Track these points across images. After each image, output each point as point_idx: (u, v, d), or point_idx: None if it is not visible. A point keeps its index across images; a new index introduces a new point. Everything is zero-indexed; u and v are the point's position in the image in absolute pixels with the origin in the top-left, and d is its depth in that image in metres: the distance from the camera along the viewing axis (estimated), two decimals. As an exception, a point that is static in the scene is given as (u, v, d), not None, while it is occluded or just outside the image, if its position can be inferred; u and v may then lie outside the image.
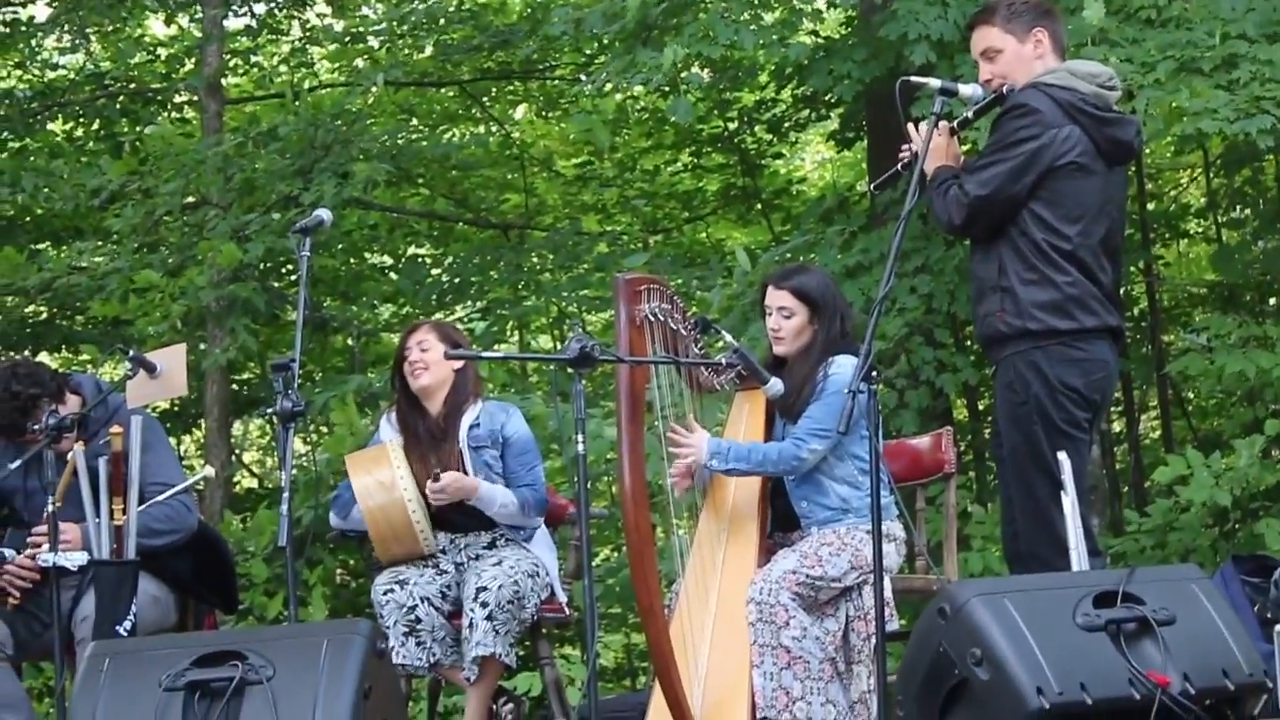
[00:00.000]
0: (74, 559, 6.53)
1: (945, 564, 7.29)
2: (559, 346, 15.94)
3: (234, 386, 15.08)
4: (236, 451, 16.85)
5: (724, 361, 6.70)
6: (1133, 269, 12.97)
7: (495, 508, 7.20)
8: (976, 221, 6.46)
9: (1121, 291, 7.26)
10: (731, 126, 15.31)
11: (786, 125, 14.93)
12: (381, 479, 7.14)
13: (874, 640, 6.26)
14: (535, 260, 15.00)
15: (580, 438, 6.00)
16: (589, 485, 6.10)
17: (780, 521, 6.94)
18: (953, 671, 5.04)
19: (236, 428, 17.04)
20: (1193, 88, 9.35)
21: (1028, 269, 6.42)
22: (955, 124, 6.69)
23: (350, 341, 15.69)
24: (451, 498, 7.13)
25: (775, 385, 6.68)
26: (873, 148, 12.94)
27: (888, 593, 6.33)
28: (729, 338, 6.86)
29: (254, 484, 18.02)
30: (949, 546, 7.35)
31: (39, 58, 16.44)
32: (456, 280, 15.11)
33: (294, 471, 6.28)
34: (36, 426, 6.91)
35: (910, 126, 6.73)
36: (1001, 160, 6.40)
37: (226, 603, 7.40)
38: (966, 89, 6.50)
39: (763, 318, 7.11)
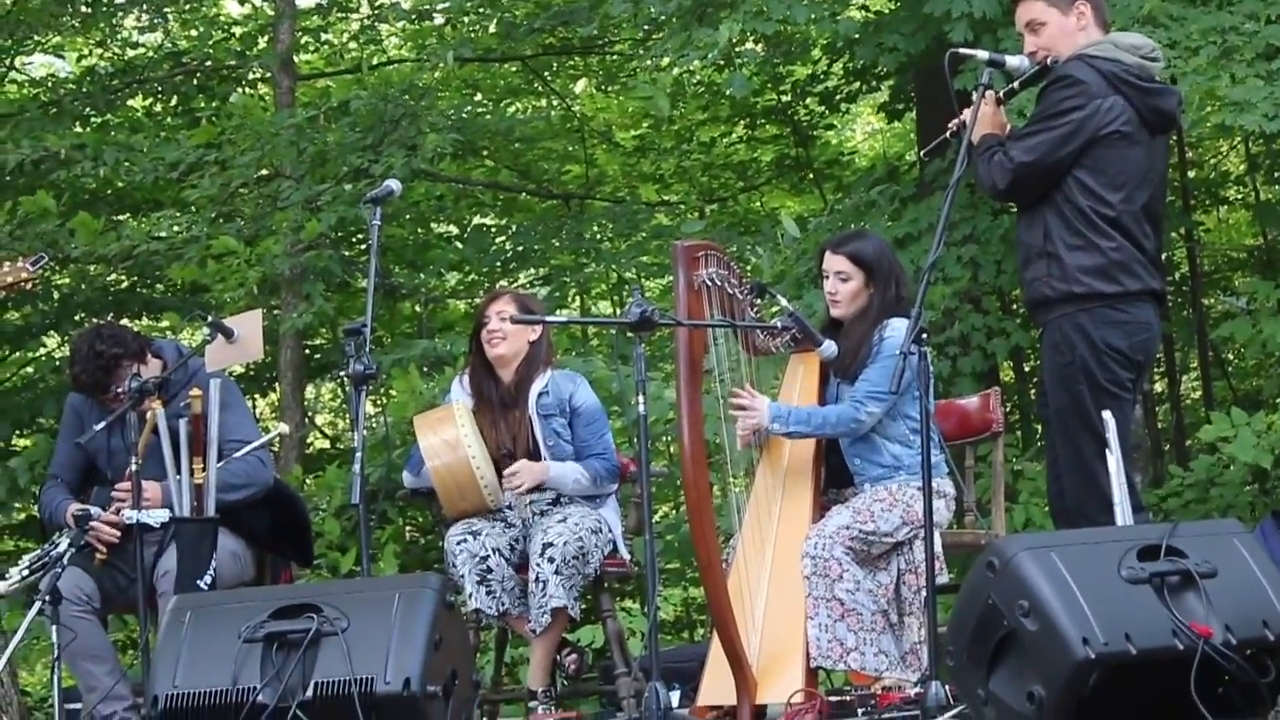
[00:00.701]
0: (156, 516, 6.56)
1: (993, 519, 7.27)
2: (619, 312, 16.00)
3: (307, 352, 15.13)
4: (309, 414, 16.91)
5: (779, 325, 6.69)
6: (1174, 235, 12.90)
7: (569, 485, 7.21)
8: (1020, 187, 6.44)
9: (1163, 256, 7.22)
10: (785, 99, 15.30)
11: (838, 97, 14.89)
12: (447, 438, 7.15)
13: (925, 593, 6.26)
14: (595, 229, 15.00)
15: (641, 399, 6.00)
16: (649, 445, 6.09)
17: (834, 478, 6.93)
18: (1001, 623, 5.03)
19: (309, 391, 17.10)
20: (1233, 75, 9.30)
21: (1073, 235, 6.40)
22: (1001, 95, 6.66)
23: (418, 308, 15.71)
24: (526, 485, 7.15)
25: (829, 347, 6.67)
26: (921, 118, 12.91)
27: (938, 547, 6.34)
28: (784, 302, 6.83)
29: (326, 445, 18.09)
30: (997, 502, 7.33)
31: (119, 37, 16.48)
32: (520, 248, 15.13)
33: (365, 432, 6.28)
34: (120, 389, 6.95)
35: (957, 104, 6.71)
36: (1047, 129, 6.38)
37: (302, 558, 7.43)
38: (1013, 60, 6.49)
39: (820, 282, 7.10)
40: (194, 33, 15.93)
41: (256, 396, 16.26)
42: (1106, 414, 6.15)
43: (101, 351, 6.99)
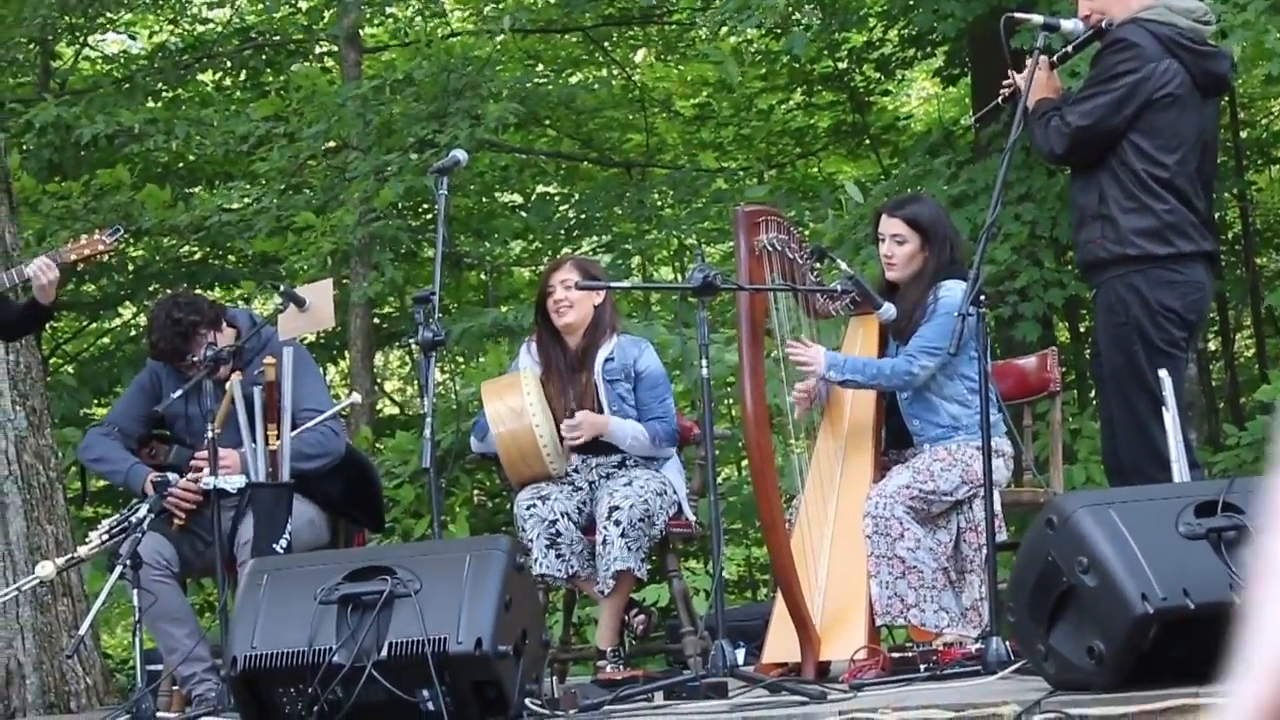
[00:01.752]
0: (233, 482, 6.60)
1: (1051, 477, 7.25)
2: (679, 277, 16.01)
3: (376, 320, 15.18)
4: (378, 381, 16.97)
5: (839, 288, 6.68)
6: (1227, 195, 12.84)
7: (627, 441, 7.21)
8: (1078, 151, 6.42)
9: (1215, 217, 7.19)
10: (841, 66, 15.25)
11: (893, 64, 14.85)
12: (513, 405, 7.16)
13: (985, 550, 6.26)
14: (656, 196, 15.00)
15: (704, 362, 6.01)
16: (712, 407, 6.10)
17: (894, 439, 6.92)
18: (1061, 579, 5.01)
19: (378, 358, 17.15)
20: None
21: (1127, 197, 6.37)
22: (1055, 58, 6.63)
23: (484, 276, 15.74)
24: (587, 436, 7.15)
25: (888, 310, 6.66)
26: (977, 83, 12.87)
27: (997, 505, 6.32)
28: (843, 265, 6.82)
29: (395, 411, 18.15)
30: (1055, 461, 7.30)
31: (189, 13, 16.54)
32: (583, 216, 15.14)
33: (435, 398, 6.30)
34: (196, 357, 6.99)
35: (1011, 66, 6.68)
36: (1103, 92, 6.35)
37: (375, 522, 7.46)
38: (1068, 24, 6.47)
39: (876, 245, 7.09)
40: (261, 7, 15.97)
41: (327, 365, 16.33)
42: (1162, 372, 6.13)
43: (179, 319, 7.03)
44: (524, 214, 15.87)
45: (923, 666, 6.15)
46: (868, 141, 15.94)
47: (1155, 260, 6.38)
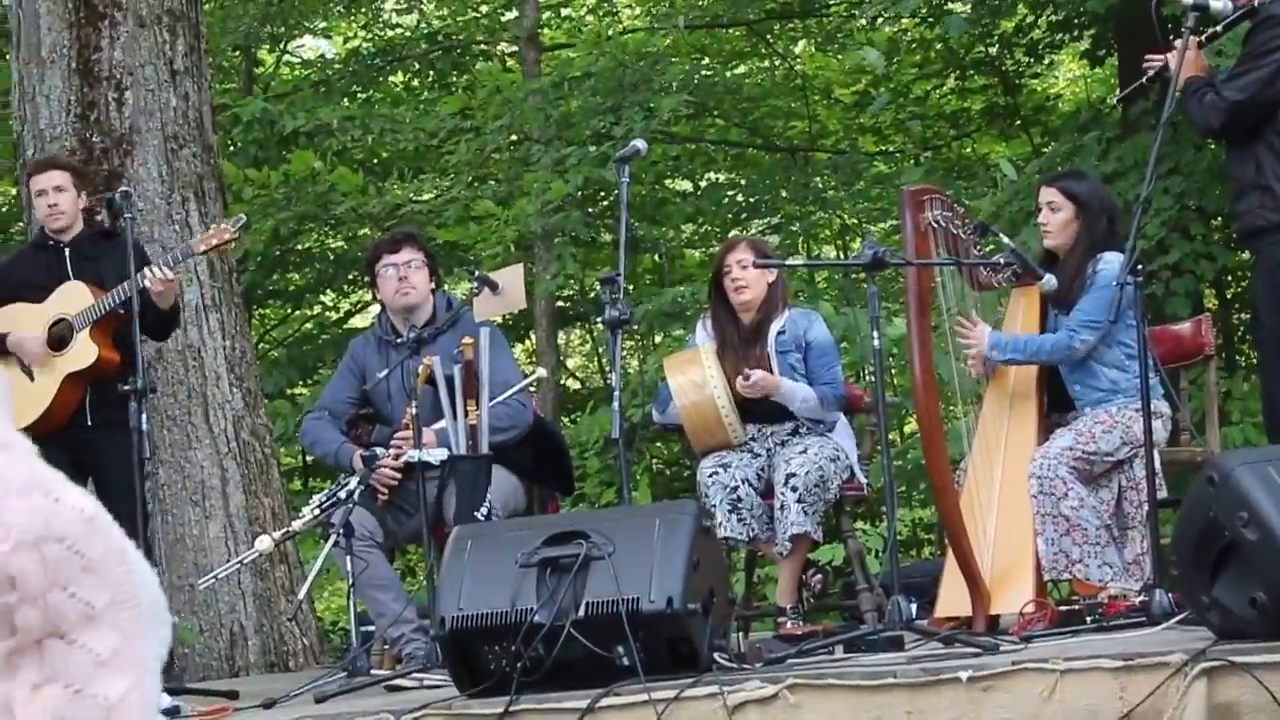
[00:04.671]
0: (436, 454, 6.65)
1: (1208, 437, 7.15)
2: (841, 256, 15.94)
3: (559, 302, 15.25)
4: (562, 358, 17.04)
5: (1001, 261, 6.62)
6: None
7: (796, 403, 7.19)
8: (1233, 125, 6.33)
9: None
10: (992, 51, 15.11)
11: (1042, 47, 14.69)
12: (694, 378, 7.16)
13: (1146, 507, 6.19)
14: (819, 180, 14.94)
15: (876, 334, 5.99)
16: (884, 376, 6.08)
17: (1056, 404, 6.85)
18: (1223, 534, 4.94)
19: (560, 337, 17.23)
20: None
21: (1284, 167, 6.30)
22: (1203, 38, 6.53)
23: (657, 259, 15.76)
24: (758, 393, 7.14)
25: (1049, 281, 6.58)
26: (1123, 64, 12.70)
27: (1157, 464, 6.25)
28: (1005, 239, 6.76)
29: (576, 386, 18.23)
30: (1211, 421, 7.20)
31: (380, 19, 16.70)
32: (751, 200, 15.11)
33: (621, 373, 6.32)
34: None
35: (1157, 48, 6.59)
36: (1256, 68, 6.26)
37: (566, 487, 7.48)
38: (1217, 3, 6.36)
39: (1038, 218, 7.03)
40: (446, 12, 16.08)
41: (514, 343, 16.43)
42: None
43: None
44: (695, 200, 15.86)
45: (1089, 619, 6.09)
46: (1018, 122, 15.77)
47: (1313, 225, 6.30)
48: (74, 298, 7.35)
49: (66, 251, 7.48)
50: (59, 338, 7.34)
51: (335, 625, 12.82)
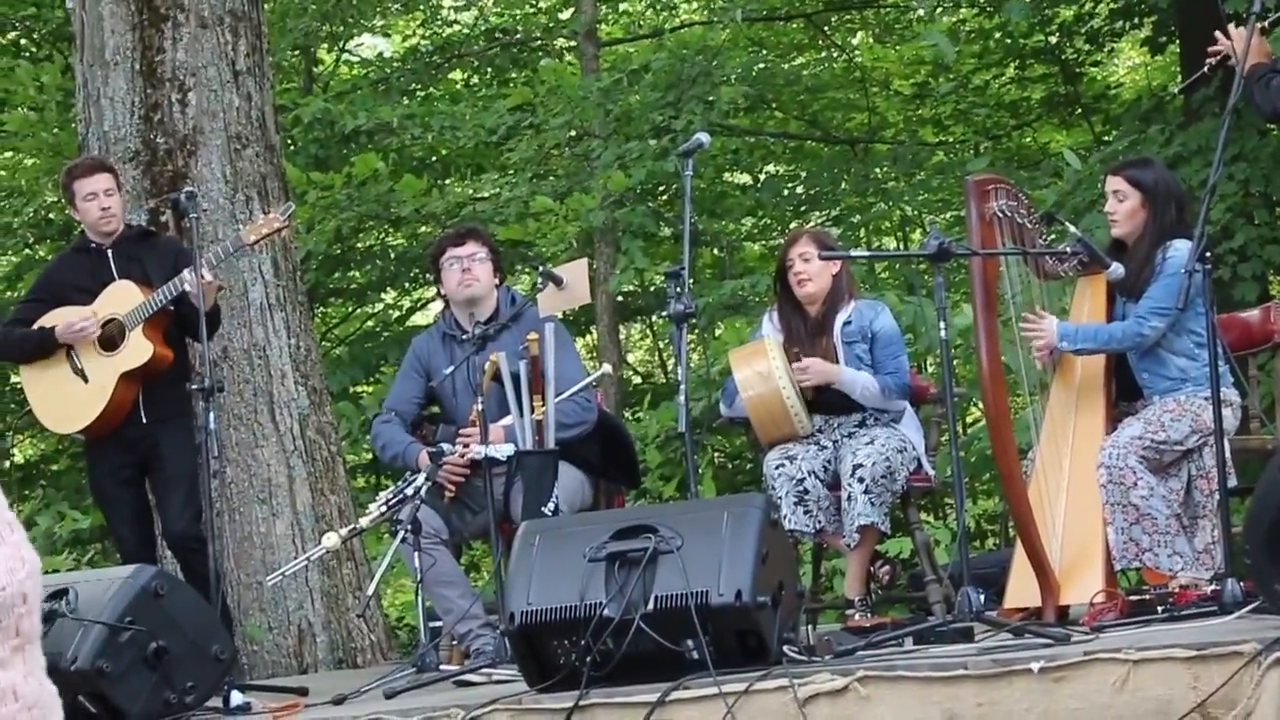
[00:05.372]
0: (502, 450, 6.66)
1: (1278, 425, 7.10)
2: (901, 247, 15.89)
3: (619, 297, 15.24)
4: (623, 353, 17.04)
5: (1068, 250, 6.59)
6: None
7: (858, 390, 7.17)
8: (1300, 110, 6.29)
9: None
10: (1052, 40, 15.05)
11: (1103, 35, 14.62)
12: (760, 370, 7.15)
13: (1216, 496, 6.15)
14: (879, 171, 14.90)
15: (942, 324, 5.97)
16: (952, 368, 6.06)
17: (1124, 392, 6.81)
18: (1295, 521, 4.91)
19: (621, 331, 17.23)
20: None
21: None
22: (1268, 23, 6.49)
23: (717, 252, 15.74)
24: (815, 380, 7.12)
25: (1116, 269, 6.55)
26: (1185, 51, 12.63)
27: (1227, 452, 6.20)
28: (1072, 228, 6.73)
29: (637, 381, 18.23)
30: (1280, 409, 7.16)
31: (439, 17, 16.73)
32: (811, 192, 15.08)
33: (687, 366, 6.32)
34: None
35: (1219, 33, 6.54)
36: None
37: (631, 481, 7.48)
38: (1281, -11, 6.32)
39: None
40: (504, 8, 16.09)
41: (576, 338, 16.43)
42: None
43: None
44: (753, 192, 15.84)
45: (1160, 608, 6.06)
46: (1079, 111, 15.70)
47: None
48: (124, 297, 7.39)
49: (109, 254, 7.53)
50: (110, 338, 7.38)
51: (401, 621, 12.84)
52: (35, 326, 7.51)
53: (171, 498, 7.36)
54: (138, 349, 7.32)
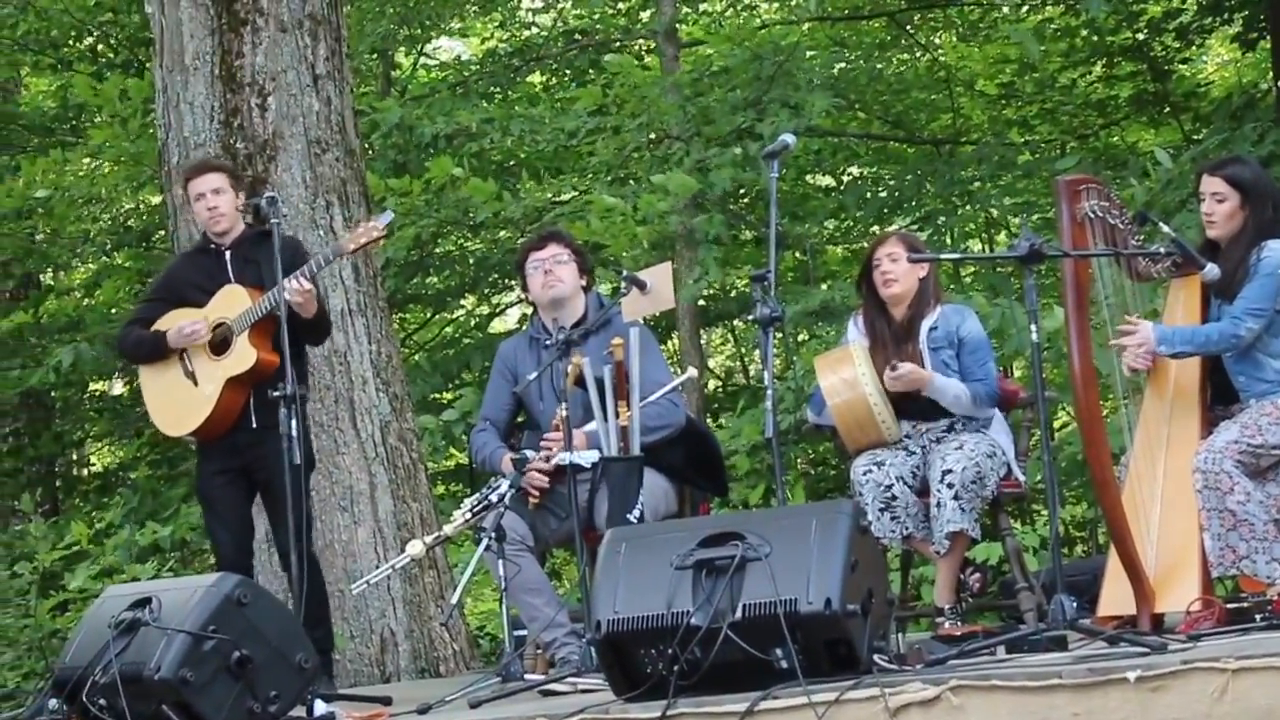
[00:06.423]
0: (587, 456, 6.66)
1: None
2: (987, 249, 15.80)
3: (700, 301, 15.24)
4: (706, 357, 17.03)
5: (1162, 251, 6.54)
6: None
7: (949, 398, 7.14)
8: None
9: None
10: (1140, 37, 14.96)
11: (1192, 31, 14.52)
12: (846, 377, 7.13)
13: (1317, 501, 6.10)
14: (964, 172, 14.83)
15: (1034, 327, 5.93)
16: (1042, 372, 6.01)
17: (1220, 395, 6.74)
18: (1399, 527, 4.86)
19: (701, 336, 17.23)
20: None
21: None
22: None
23: (800, 255, 15.70)
24: (906, 387, 7.09)
25: (1211, 270, 6.50)
26: (1277, 47, 12.53)
27: (1326, 457, 6.15)
28: (1166, 228, 6.67)
29: (718, 385, 18.22)
30: (1381, 412, 7.06)
31: (516, 19, 16.77)
32: (895, 194, 15.03)
33: (774, 371, 6.30)
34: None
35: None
36: None
37: (718, 488, 7.47)
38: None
39: (1197, 206, 6.92)
40: (583, 9, 16.11)
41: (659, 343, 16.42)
42: None
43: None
44: (838, 195, 15.79)
45: (1258, 616, 6.01)
46: (1168, 109, 15.59)
47: None
48: (233, 301, 7.43)
49: (227, 255, 7.56)
50: (221, 341, 7.42)
51: (482, 630, 12.88)
52: (151, 329, 7.57)
53: (282, 510, 7.35)
54: (243, 355, 7.35)
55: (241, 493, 7.57)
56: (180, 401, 7.50)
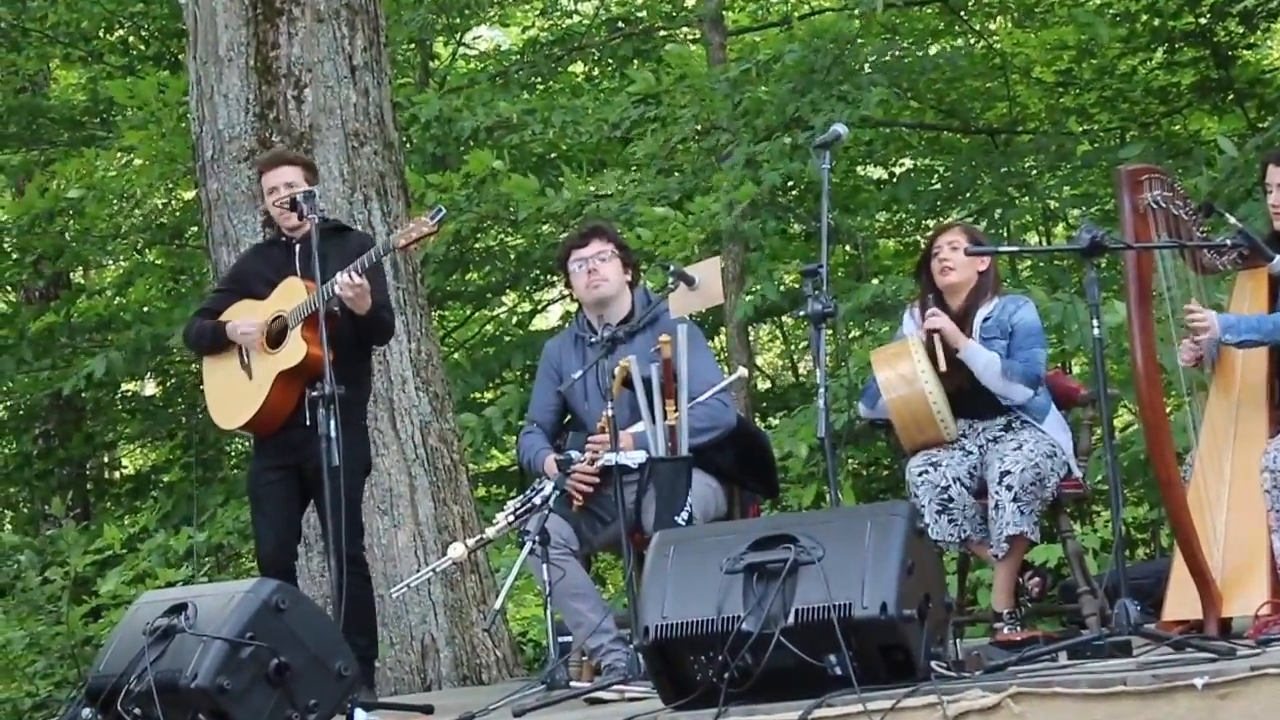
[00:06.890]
0: (633, 457, 6.65)
1: None
2: (1043, 242, 15.75)
3: (747, 296, 15.21)
4: (754, 355, 17.00)
5: (1228, 242, 6.50)
6: None
7: (979, 364, 7.10)
8: None
9: None
10: (1203, 22, 14.87)
11: (1257, 16, 14.43)
12: (903, 372, 7.11)
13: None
14: (1021, 162, 14.76)
15: (1095, 322, 5.90)
16: (1104, 368, 5.99)
17: (1289, 392, 6.73)
18: None
19: (750, 333, 17.20)
20: None
21: None
22: None
23: (852, 249, 15.66)
24: (941, 325, 7.08)
25: (1279, 262, 6.46)
26: (1346, 32, 12.46)
27: (1399, 455, 6.11)
28: (1232, 219, 6.63)
29: (766, 385, 18.19)
30: None
31: (558, 6, 16.76)
32: (950, 186, 14.96)
33: (827, 369, 6.28)
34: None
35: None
36: None
37: (768, 490, 7.45)
38: None
39: (1264, 195, 6.87)
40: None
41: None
42: None
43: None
44: (887, 187, 15.73)
45: (1329, 621, 5.97)
46: (1231, 97, 15.50)
47: None
48: (291, 294, 7.43)
49: (296, 248, 7.56)
50: (279, 333, 7.42)
51: (525, 636, 12.88)
52: (214, 320, 7.60)
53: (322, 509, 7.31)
54: (294, 349, 7.33)
55: (291, 491, 7.54)
56: (235, 394, 7.52)
